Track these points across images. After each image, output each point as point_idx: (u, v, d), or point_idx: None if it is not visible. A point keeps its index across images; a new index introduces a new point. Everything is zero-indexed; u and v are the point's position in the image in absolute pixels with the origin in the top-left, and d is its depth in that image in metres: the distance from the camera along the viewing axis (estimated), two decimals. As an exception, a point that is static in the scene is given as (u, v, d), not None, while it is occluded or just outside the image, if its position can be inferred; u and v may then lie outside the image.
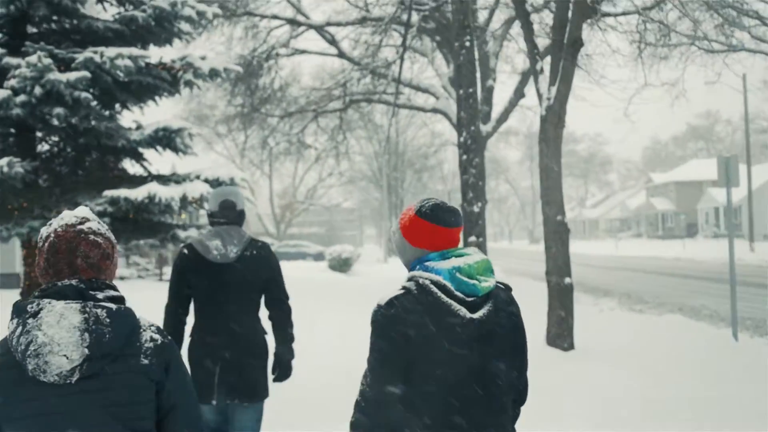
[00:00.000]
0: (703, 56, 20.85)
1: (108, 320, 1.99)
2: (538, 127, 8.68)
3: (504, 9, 20.84)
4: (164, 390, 2.11)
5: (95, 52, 5.77)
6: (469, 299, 2.30)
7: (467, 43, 8.01)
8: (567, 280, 9.23)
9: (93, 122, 6.04)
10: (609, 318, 13.23)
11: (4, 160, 5.39)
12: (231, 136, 49.88)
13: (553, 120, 9.10)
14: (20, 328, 1.96)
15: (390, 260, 46.71)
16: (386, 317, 2.30)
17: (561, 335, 9.17)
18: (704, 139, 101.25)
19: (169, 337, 2.22)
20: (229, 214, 4.08)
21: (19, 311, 1.99)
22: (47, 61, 5.43)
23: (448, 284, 2.29)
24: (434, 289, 2.28)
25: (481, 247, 7.57)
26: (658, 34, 18.57)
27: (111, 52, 5.77)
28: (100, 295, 2.05)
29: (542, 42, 12.85)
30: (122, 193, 5.77)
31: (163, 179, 6.61)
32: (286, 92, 25.69)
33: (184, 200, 5.91)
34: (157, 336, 2.14)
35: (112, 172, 6.98)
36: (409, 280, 2.37)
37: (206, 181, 6.45)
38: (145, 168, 7.25)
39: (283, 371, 4.32)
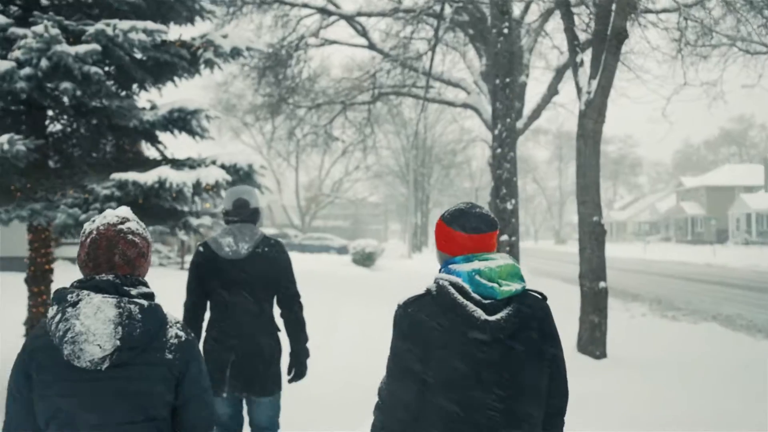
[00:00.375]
0: (743, 58, 20.23)
1: (140, 316, 2.19)
2: (567, 126, 8.36)
3: (540, 2, 20.30)
4: (183, 383, 2.29)
5: (108, 25, 5.39)
6: (486, 301, 2.29)
7: (505, 30, 7.55)
8: (602, 284, 8.75)
9: (104, 101, 5.67)
10: (640, 324, 12.72)
11: (4, 137, 5.05)
12: (258, 126, 49.75)
13: (593, 115, 8.62)
14: (60, 315, 2.17)
15: (414, 256, 46.35)
16: (404, 317, 2.38)
17: (593, 342, 8.70)
18: (737, 144, 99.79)
19: (192, 335, 2.39)
20: (242, 213, 4.20)
21: (59, 299, 2.20)
22: (54, 31, 5.07)
23: (466, 286, 2.30)
24: (452, 290, 2.30)
25: (514, 246, 7.12)
26: (699, 33, 18.05)
27: (124, 24, 5.40)
28: (133, 291, 2.24)
29: (581, 34, 12.35)
30: (131, 176, 5.40)
31: (176, 164, 6.23)
32: (314, 83, 25.35)
33: (197, 186, 5.53)
34: (181, 333, 2.32)
35: (127, 155, 6.61)
36: (434, 282, 2.40)
37: (223, 167, 6.04)
38: (160, 152, 6.86)
39: (299, 372, 4.37)
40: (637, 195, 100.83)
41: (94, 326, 2.13)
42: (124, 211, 2.38)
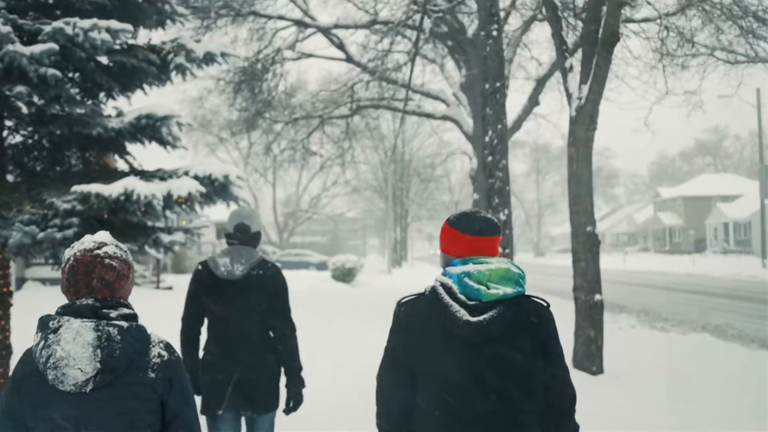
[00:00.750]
0: (721, 68, 20.20)
1: (119, 337, 2.24)
2: (544, 139, 8.01)
3: (522, 11, 20.08)
4: (168, 402, 2.34)
5: (67, 23, 4.93)
6: (471, 303, 2.34)
7: (494, 33, 7.18)
8: (597, 296, 8.39)
9: (66, 107, 5.19)
10: (631, 337, 12.38)
11: (-47, 151, 4.59)
12: (234, 142, 49.26)
13: (584, 121, 8.28)
14: (42, 342, 2.24)
15: (394, 271, 45.95)
16: (399, 315, 2.51)
17: (589, 357, 8.33)
18: (712, 155, 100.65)
19: (176, 354, 2.41)
20: (242, 237, 4.29)
21: (42, 326, 2.28)
22: (6, 29, 4.61)
23: (455, 287, 2.37)
24: (441, 291, 2.39)
25: (509, 258, 6.71)
26: (679, 42, 17.94)
27: (85, 23, 4.92)
28: (113, 314, 2.29)
29: (570, 39, 12.04)
30: (94, 188, 4.92)
31: (145, 175, 5.73)
32: (291, 98, 24.93)
33: (168, 199, 5.07)
34: (164, 353, 2.35)
35: (92, 168, 6.11)
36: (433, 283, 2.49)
37: (196, 178, 5.56)
38: (129, 164, 6.37)
39: (295, 404, 4.35)
40: (615, 206, 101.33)
41: (74, 351, 2.19)
42: (102, 235, 2.43)
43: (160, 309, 16.62)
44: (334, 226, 78.54)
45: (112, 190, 4.83)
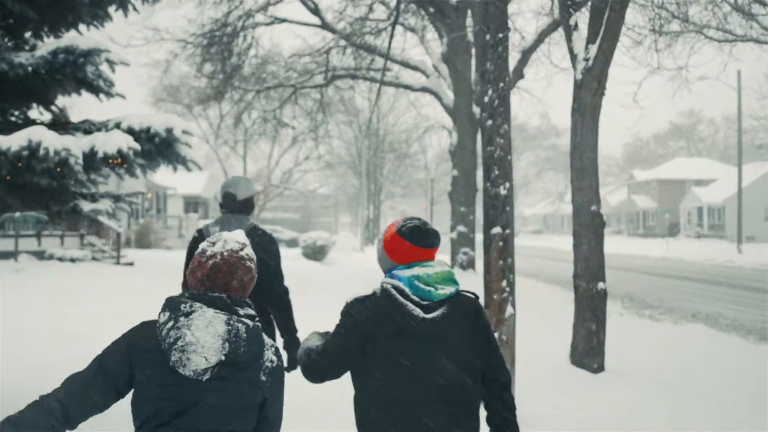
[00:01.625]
0: (707, 47, 19.53)
1: (245, 335, 2.35)
2: (520, 119, 7.05)
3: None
4: (267, 403, 2.45)
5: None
6: (424, 303, 2.64)
7: (496, -25, 6.16)
8: (600, 285, 7.45)
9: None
10: (622, 327, 11.52)
11: None
12: (204, 112, 47.77)
13: (592, 85, 7.30)
14: (172, 323, 2.32)
15: (366, 249, 45.07)
16: (352, 312, 2.71)
17: (590, 353, 7.41)
18: (686, 138, 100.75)
19: (281, 359, 2.54)
20: (231, 205, 4.38)
21: (173, 307, 2.36)
22: None
23: (406, 289, 2.65)
24: (394, 292, 2.64)
25: (508, 241, 5.74)
26: (676, 13, 17.16)
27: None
28: (241, 311, 2.41)
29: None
30: (-17, 139, 3.81)
31: (63, 127, 4.59)
32: (264, 65, 23.66)
33: (91, 157, 4.02)
34: (275, 358, 2.49)
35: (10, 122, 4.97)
36: (380, 285, 2.72)
37: (131, 132, 4.47)
38: (55, 118, 5.22)
39: (291, 363, 4.38)
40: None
41: (204, 338, 2.28)
42: (241, 236, 2.54)
43: (120, 287, 15.62)
44: (305, 203, 77.34)
45: (12, 142, 3.74)
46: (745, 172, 49.55)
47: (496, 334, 6.03)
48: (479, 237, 22.56)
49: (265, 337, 2.45)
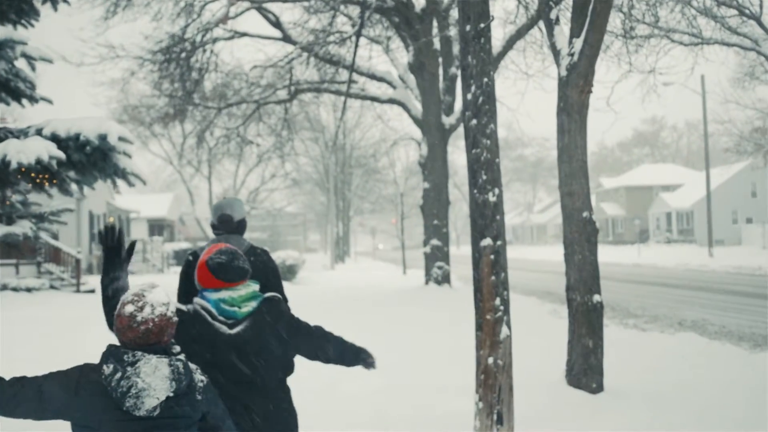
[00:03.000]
0: (674, 51, 19.34)
1: (183, 370, 2.68)
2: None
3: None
4: (209, 415, 2.84)
5: None
6: (229, 321, 3.16)
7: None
8: (596, 297, 6.87)
9: None
10: (611, 339, 10.89)
11: None
12: (167, 134, 46.79)
13: (578, 83, 6.75)
14: (120, 374, 2.57)
15: (337, 267, 44.35)
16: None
17: (588, 372, 6.81)
18: (650, 145, 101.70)
19: (207, 377, 2.89)
20: (227, 227, 4.37)
21: (116, 358, 2.61)
22: None
23: (213, 310, 3.14)
24: (202, 312, 3.15)
25: (500, 253, 5.13)
26: (645, 15, 16.91)
27: None
28: (174, 352, 2.74)
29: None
30: None
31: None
32: (227, 83, 22.94)
33: (3, 168, 3.35)
34: (203, 377, 2.84)
35: None
36: (192, 305, 3.21)
37: (55, 139, 3.78)
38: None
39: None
40: (556, 198, 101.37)
41: (154, 383, 2.58)
42: (163, 294, 2.74)
43: (77, 319, 14.70)
44: (273, 222, 76.32)
45: None
46: (712, 176, 49.78)
47: (490, 360, 5.43)
48: (453, 250, 22.12)
49: (189, 364, 2.78)
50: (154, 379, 2.56)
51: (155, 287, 2.76)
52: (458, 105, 20.60)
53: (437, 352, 9.74)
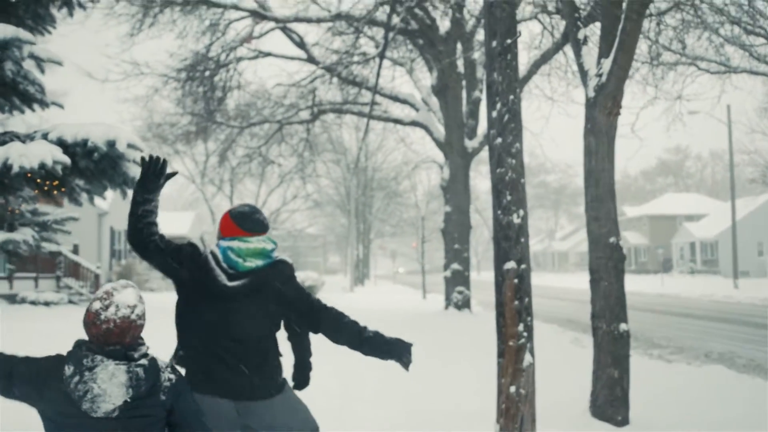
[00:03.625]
0: (701, 78, 19.19)
1: (143, 375, 2.70)
2: None
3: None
4: (175, 410, 2.83)
5: None
6: (231, 271, 3.21)
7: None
8: (623, 326, 6.62)
9: None
10: (636, 370, 10.60)
11: None
12: (191, 153, 47.03)
13: (606, 104, 6.55)
14: (78, 377, 2.62)
15: (357, 289, 44.12)
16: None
17: (613, 403, 6.54)
18: (674, 174, 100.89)
19: (179, 373, 2.92)
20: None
21: (75, 361, 2.66)
22: None
23: (219, 256, 3.24)
24: (210, 258, 3.23)
25: (524, 277, 4.91)
26: (671, 42, 16.69)
27: None
28: (137, 355, 2.73)
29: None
30: None
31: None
32: (250, 103, 22.97)
33: (5, 172, 3.21)
34: (172, 376, 2.84)
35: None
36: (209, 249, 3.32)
37: (61, 143, 3.63)
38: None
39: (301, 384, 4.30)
40: (578, 225, 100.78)
41: (110, 389, 2.61)
42: (132, 296, 2.76)
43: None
44: (293, 243, 76.34)
45: None
46: (737, 207, 49.20)
47: (512, 388, 5.21)
48: (473, 275, 21.88)
49: (159, 361, 2.81)
50: (110, 386, 2.59)
51: (128, 287, 2.78)
52: (481, 129, 20.44)
53: (457, 379, 9.49)
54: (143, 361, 2.72)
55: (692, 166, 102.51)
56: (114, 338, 2.65)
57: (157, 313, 5.36)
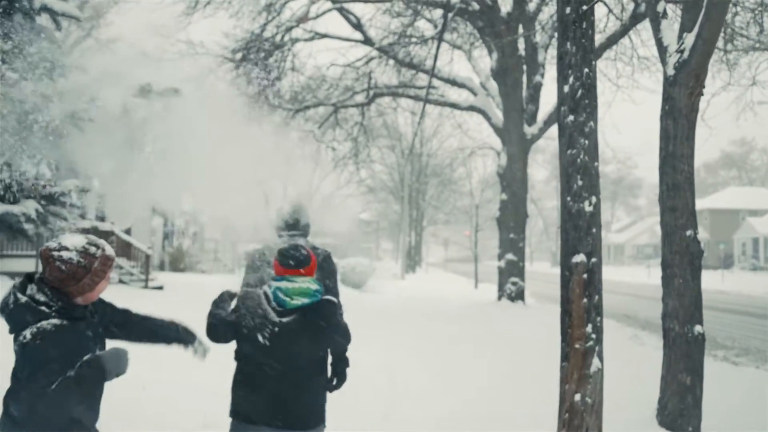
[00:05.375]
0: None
1: (12, 305, 2.89)
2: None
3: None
4: (17, 363, 2.95)
5: None
6: (279, 309, 3.57)
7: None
8: (697, 328, 6.03)
9: None
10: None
11: None
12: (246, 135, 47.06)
13: (688, 82, 5.95)
14: None
15: (408, 276, 43.71)
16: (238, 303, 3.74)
17: (684, 413, 5.97)
18: (738, 167, 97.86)
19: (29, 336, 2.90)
20: (293, 229, 4.69)
21: None
22: None
23: (270, 296, 3.62)
24: (263, 297, 3.62)
25: (594, 272, 4.40)
26: (729, 36, 15.79)
27: None
28: (28, 290, 2.91)
29: None
30: None
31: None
32: (306, 84, 22.63)
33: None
34: (28, 335, 2.82)
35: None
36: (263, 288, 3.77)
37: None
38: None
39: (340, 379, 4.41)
40: (635, 217, 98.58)
41: None
42: (72, 239, 2.93)
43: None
44: (347, 228, 76.23)
45: None
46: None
47: (577, 396, 4.69)
48: (527, 266, 21.26)
49: (32, 318, 2.82)
50: None
51: (75, 236, 2.97)
52: (541, 115, 19.76)
53: (510, 378, 8.98)
54: (21, 296, 2.90)
55: (757, 159, 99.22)
56: (42, 264, 2.94)
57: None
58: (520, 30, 18.96)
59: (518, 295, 19.16)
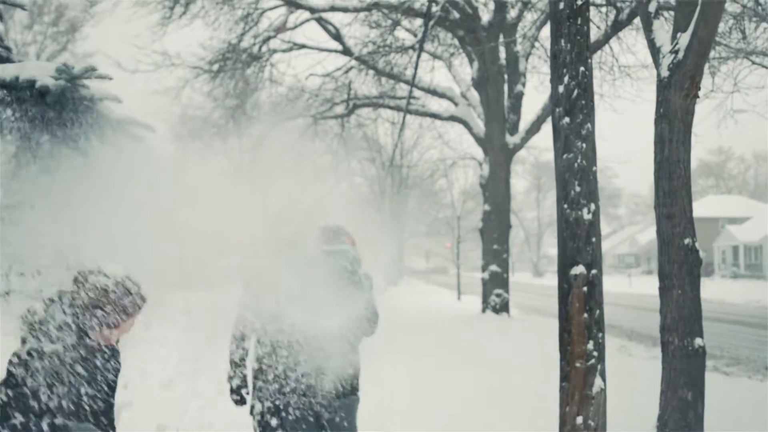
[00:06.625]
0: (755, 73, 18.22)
1: None
2: (546, 156, 5.44)
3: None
4: None
5: None
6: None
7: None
8: (698, 341, 5.76)
9: None
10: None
11: None
12: (225, 150, 46.67)
13: (683, 85, 5.70)
14: None
15: (389, 289, 43.42)
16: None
17: (685, 430, 5.66)
18: (715, 176, 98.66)
19: None
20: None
21: None
22: None
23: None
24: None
25: (595, 285, 4.15)
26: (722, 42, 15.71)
27: None
28: None
29: None
30: None
31: None
32: (284, 95, 22.33)
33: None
34: None
35: None
36: None
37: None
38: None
39: None
40: (615, 227, 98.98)
41: None
42: (113, 267, 2.94)
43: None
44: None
45: None
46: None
47: (578, 419, 4.38)
48: (510, 277, 20.99)
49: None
50: None
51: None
52: (523, 124, 19.57)
53: (501, 395, 8.69)
54: None
55: (734, 168, 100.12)
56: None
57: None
58: (501, 38, 18.81)
59: (503, 307, 18.90)
